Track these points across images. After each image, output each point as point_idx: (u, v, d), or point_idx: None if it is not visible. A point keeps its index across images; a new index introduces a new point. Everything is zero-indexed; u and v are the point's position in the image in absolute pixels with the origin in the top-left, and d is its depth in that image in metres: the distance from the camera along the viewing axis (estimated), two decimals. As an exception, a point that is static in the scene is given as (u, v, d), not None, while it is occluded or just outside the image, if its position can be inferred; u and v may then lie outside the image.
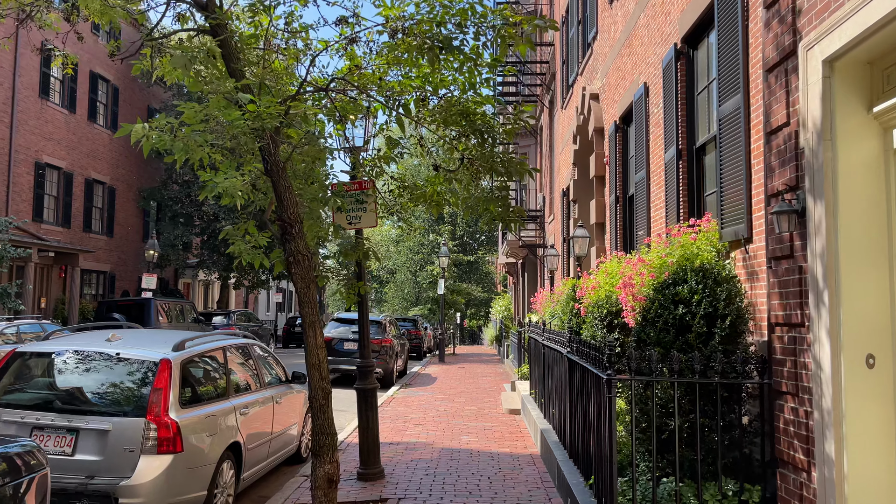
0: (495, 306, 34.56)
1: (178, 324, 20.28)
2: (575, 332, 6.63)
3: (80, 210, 24.67)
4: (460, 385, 16.02)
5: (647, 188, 8.37)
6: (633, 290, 6.21)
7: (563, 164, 15.53)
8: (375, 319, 16.74)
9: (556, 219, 16.97)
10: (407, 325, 27.90)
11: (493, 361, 24.57)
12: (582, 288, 9.27)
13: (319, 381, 5.55)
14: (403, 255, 51.95)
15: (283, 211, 5.68)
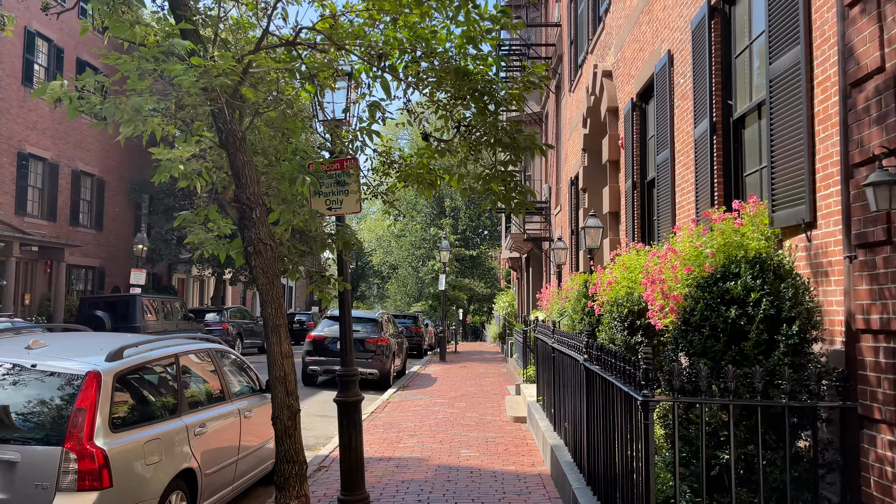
0: (498, 302, 33.58)
1: (167, 322, 19.34)
2: (590, 334, 5.66)
3: (66, 203, 23.73)
4: (461, 387, 15.05)
5: (672, 170, 7.35)
6: (663, 287, 5.21)
7: (572, 152, 14.52)
8: (371, 317, 15.76)
9: (564, 210, 15.96)
10: (407, 321, 26.92)
11: (496, 360, 23.60)
12: (596, 284, 8.28)
13: (285, 398, 4.57)
14: (405, 249, 50.94)
15: (242, 191, 4.70)
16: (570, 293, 12.21)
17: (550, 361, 7.98)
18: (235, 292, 39.67)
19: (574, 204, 14.36)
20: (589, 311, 8.92)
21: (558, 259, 12.86)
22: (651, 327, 6.43)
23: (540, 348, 9.38)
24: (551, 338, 7.88)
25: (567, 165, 15.35)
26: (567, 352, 6.50)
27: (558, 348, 7.15)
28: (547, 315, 12.94)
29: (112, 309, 17.87)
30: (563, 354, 6.82)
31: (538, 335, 9.40)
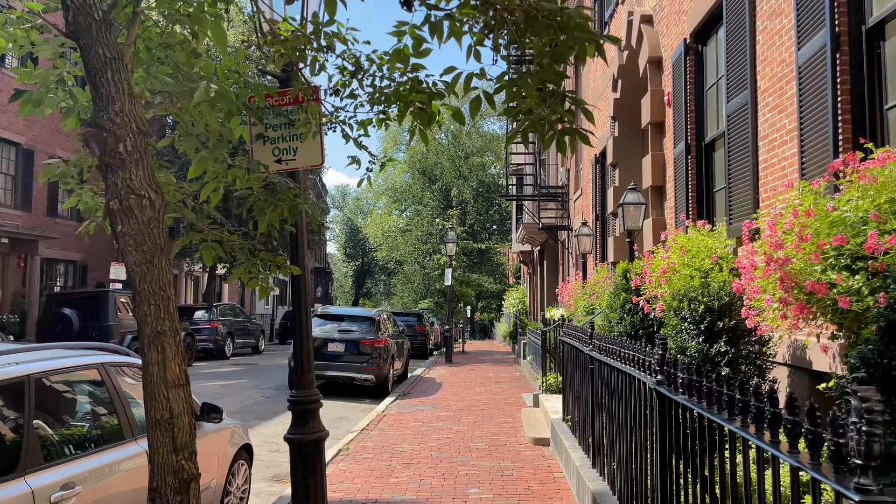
0: (508, 299, 31.69)
1: (145, 320, 17.53)
2: (663, 345, 3.78)
3: (43, 192, 21.98)
4: (469, 395, 13.18)
5: (752, 118, 5.45)
6: (790, 271, 3.32)
7: (597, 122, 12.61)
8: (366, 315, 13.91)
9: (585, 194, 14.05)
10: (410, 320, 25.06)
11: (507, 361, 21.71)
12: (643, 273, 6.40)
13: (170, 456, 2.69)
14: (411, 244, 49.15)
15: (103, 108, 2.85)
16: (601, 287, 10.32)
17: (585, 374, 6.10)
18: (233, 289, 37.94)
19: (599, 185, 12.46)
20: (632, 309, 7.05)
21: (583, 247, 10.98)
22: (739, 330, 4.54)
23: (568, 355, 7.50)
24: (587, 344, 6.00)
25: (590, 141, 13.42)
26: (618, 366, 4.61)
27: (601, 359, 5.26)
28: (569, 313, 11.06)
29: (81, 306, 16.10)
30: (611, 369, 4.93)
31: (565, 339, 7.52)
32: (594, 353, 5.61)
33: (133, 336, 16.51)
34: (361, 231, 68.11)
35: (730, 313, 4.56)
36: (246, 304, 42.64)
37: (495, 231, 51.99)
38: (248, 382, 15.14)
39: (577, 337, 6.70)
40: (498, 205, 50.61)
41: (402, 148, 55.20)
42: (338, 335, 13.30)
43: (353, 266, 79.35)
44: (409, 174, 53.72)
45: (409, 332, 24.11)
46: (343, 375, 13.16)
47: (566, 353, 7.61)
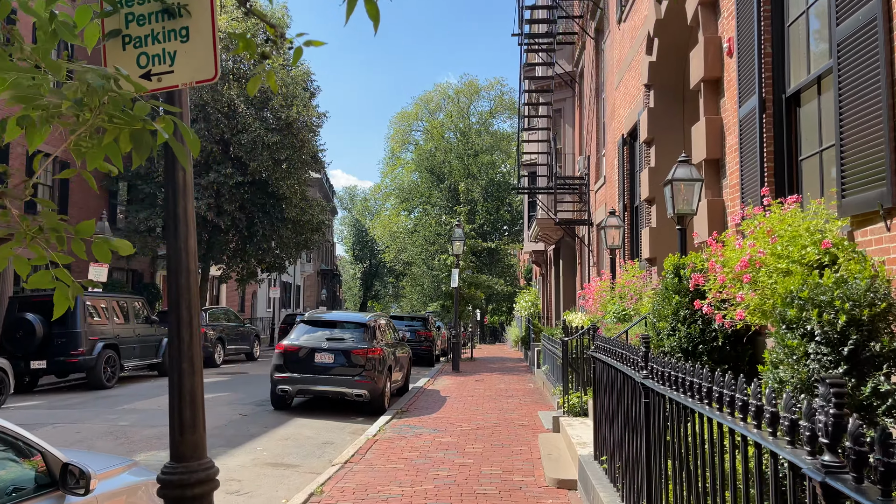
0: (520, 302, 29.94)
1: (122, 326, 15.95)
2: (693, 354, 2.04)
3: (18, 187, 20.40)
4: (478, 413, 11.46)
5: (886, 41, 3.71)
6: None
7: (624, 99, 10.88)
8: (358, 321, 12.20)
9: (610, 182, 12.31)
10: (415, 324, 23.35)
11: (519, 370, 19.95)
12: (710, 268, 4.69)
13: None
14: (418, 245, 47.47)
15: None
16: (633, 287, 8.60)
17: (634, 408, 4.37)
18: (230, 291, 36.38)
19: (627, 170, 10.72)
20: (688, 316, 5.33)
21: (610, 241, 9.24)
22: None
23: (601, 375, 5.77)
24: (636, 367, 4.27)
25: (615, 121, 11.70)
26: (721, 420, 2.85)
27: (675, 399, 3.48)
28: (593, 318, 9.32)
29: (46, 311, 14.49)
30: (694, 416, 3.18)
31: (598, 355, 5.77)
32: (653, 385, 3.87)
33: (105, 343, 14.92)
34: (369, 232, 66.58)
35: (889, 328, 2.83)
36: (246, 307, 41.11)
37: (506, 231, 50.20)
38: (229, 397, 13.48)
39: (618, 355, 4.96)
40: (509, 204, 48.87)
41: (411, 147, 53.63)
42: (326, 344, 11.61)
43: (361, 268, 77.85)
44: (417, 173, 52.11)
45: (414, 338, 22.42)
46: (332, 391, 11.47)
47: (599, 373, 5.87)
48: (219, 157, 23.46)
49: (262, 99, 23.44)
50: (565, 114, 17.90)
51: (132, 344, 16.16)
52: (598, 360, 5.88)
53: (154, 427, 9.98)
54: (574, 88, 17.43)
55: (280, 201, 24.47)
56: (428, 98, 53.34)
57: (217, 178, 22.72)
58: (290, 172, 23.90)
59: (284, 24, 26.05)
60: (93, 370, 14.53)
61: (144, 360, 16.71)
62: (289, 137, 23.46)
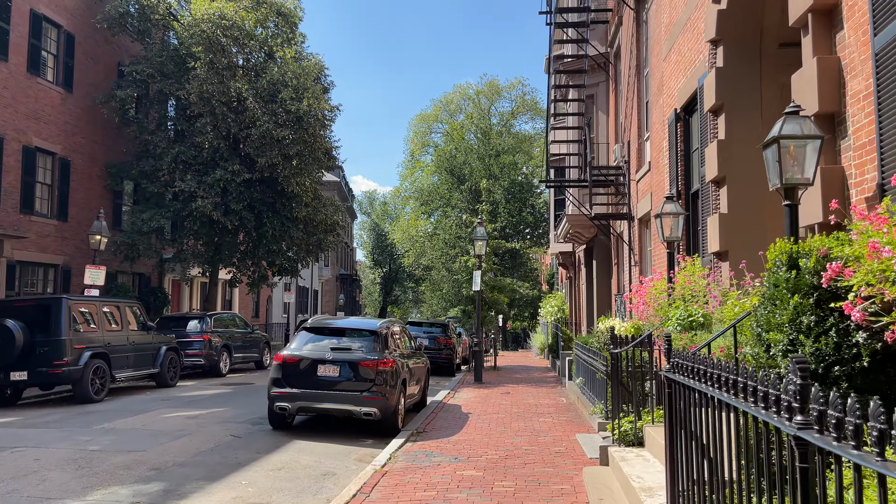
0: (545, 307, 28.31)
1: (114, 333, 14.59)
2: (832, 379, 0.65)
3: (14, 185, 19.24)
4: (505, 435, 9.88)
5: None
6: None
7: (676, 68, 9.28)
8: (368, 328, 10.67)
9: (657, 168, 10.70)
10: (435, 331, 21.78)
11: (547, 381, 18.31)
12: (871, 252, 3.07)
13: None
14: (438, 248, 45.96)
15: None
16: (695, 288, 6.99)
17: (765, 467, 2.78)
18: (242, 295, 35.08)
19: (680, 151, 9.10)
20: (813, 326, 3.74)
21: (668, 232, 7.62)
22: None
23: (686, 404, 4.16)
24: (786, 412, 2.68)
25: (664, 97, 10.08)
26: None
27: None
28: (651, 326, 7.71)
29: (28, 317, 13.16)
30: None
31: (682, 378, 4.16)
32: (831, 446, 2.27)
33: (92, 353, 13.55)
34: (388, 237, 65.25)
35: None
36: (261, 312, 39.85)
37: (528, 234, 48.47)
38: (225, 412, 12.03)
39: (727, 383, 3.36)
40: (531, 206, 47.21)
41: (430, 150, 52.17)
42: (331, 355, 10.10)
43: (381, 273, 76.60)
44: (436, 175, 50.62)
45: (433, 346, 20.88)
46: (337, 409, 9.96)
47: (680, 402, 4.28)
48: (225, 154, 22.14)
49: (270, 91, 22.09)
50: (598, 100, 16.29)
51: (125, 353, 14.78)
52: (678, 384, 4.29)
53: (128, 452, 8.53)
54: (608, 71, 15.81)
55: (290, 200, 23.08)
56: (448, 100, 51.87)
57: (224, 175, 21.40)
58: (300, 169, 22.50)
59: (297, 16, 24.71)
60: (78, 382, 13.17)
61: (140, 370, 15.33)
62: (299, 132, 22.06)
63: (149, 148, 22.73)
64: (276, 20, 23.99)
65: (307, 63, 23.60)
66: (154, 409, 12.28)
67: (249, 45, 22.61)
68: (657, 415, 7.31)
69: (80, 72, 22.04)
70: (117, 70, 23.46)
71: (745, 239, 6.78)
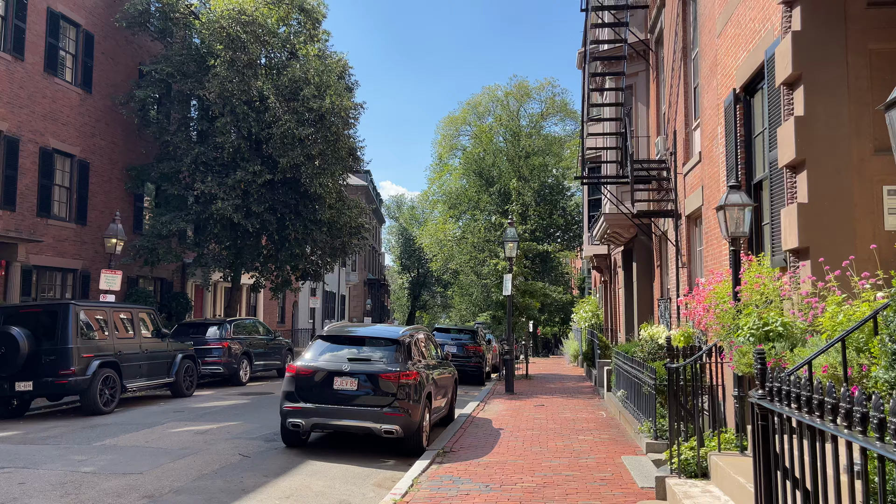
0: (579, 312, 27.09)
1: (125, 341, 13.87)
2: None
3: (31, 188, 18.73)
4: (542, 457, 8.85)
5: None
6: None
7: (735, 43, 8.20)
8: (390, 337, 9.71)
9: (709, 158, 9.61)
10: (463, 338, 20.78)
11: (583, 392, 17.20)
12: None
13: None
14: (466, 253, 44.93)
15: None
16: (767, 291, 5.93)
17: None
18: (266, 300, 34.47)
19: (741, 136, 8.02)
20: None
21: (733, 227, 6.54)
22: None
23: (795, 459, 3.13)
24: None
25: (719, 77, 8.99)
26: None
27: None
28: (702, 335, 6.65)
29: (33, 324, 12.48)
30: None
31: (793, 412, 3.13)
32: None
33: (101, 362, 12.83)
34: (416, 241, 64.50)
35: None
36: (286, 317, 39.26)
37: (559, 237, 47.18)
38: (237, 427, 11.18)
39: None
40: (562, 208, 46.00)
41: (458, 153, 51.21)
42: (348, 366, 9.17)
43: (409, 278, 75.90)
44: (464, 178, 49.64)
45: (461, 353, 19.89)
46: (356, 426, 9.02)
47: (792, 446, 3.24)
48: (246, 154, 21.44)
49: (292, 90, 21.34)
50: (637, 91, 15.19)
51: (137, 361, 14.05)
52: (779, 415, 3.25)
53: (122, 476, 7.69)
54: (648, 60, 14.70)
55: (313, 201, 22.28)
56: (476, 102, 50.85)
57: (244, 176, 20.67)
58: (323, 169, 21.68)
59: (320, 12, 23.97)
60: (86, 392, 12.44)
61: (153, 380, 14.59)
62: (322, 130, 21.26)
63: (169, 149, 22.15)
64: (298, 17, 23.28)
65: (330, 61, 22.83)
66: (163, 423, 11.49)
67: (271, 42, 21.89)
68: (724, 440, 6.24)
69: (100, 72, 21.55)
70: (138, 71, 22.94)
71: (830, 233, 5.70)
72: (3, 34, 17.90)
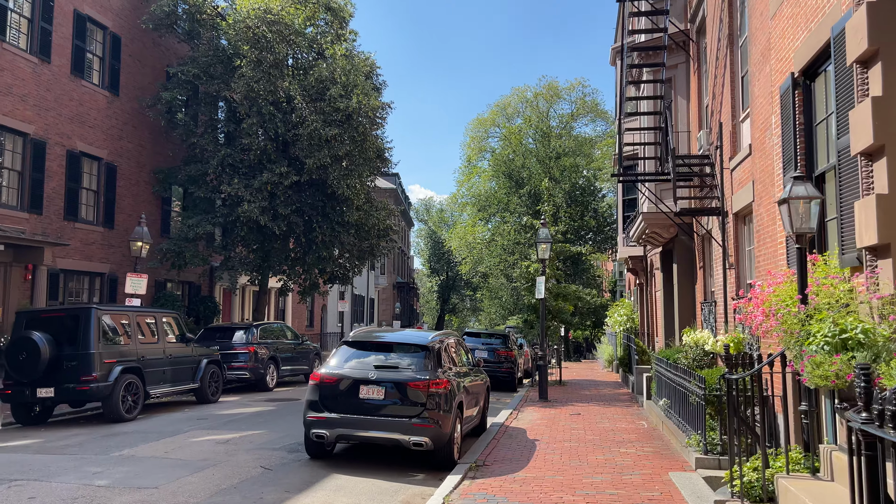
0: (613, 316, 26.31)
1: (148, 345, 13.56)
2: None
3: (58, 191, 18.61)
4: (582, 472, 8.23)
5: None
6: None
7: (792, 23, 7.52)
8: (419, 343, 9.16)
9: (761, 149, 8.91)
10: (494, 342, 20.16)
11: (620, 400, 16.49)
12: None
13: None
14: (496, 255, 44.29)
15: None
16: (836, 295, 5.26)
17: None
18: (294, 304, 34.22)
19: (799, 125, 7.33)
20: None
21: (799, 223, 5.86)
22: None
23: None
24: None
25: (772, 62, 8.31)
26: None
27: None
28: (784, 345, 5.99)
29: (55, 328, 12.20)
30: None
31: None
32: None
33: (123, 367, 12.51)
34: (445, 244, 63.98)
35: None
36: (315, 321, 39.02)
37: (590, 240, 46.25)
38: (261, 436, 10.74)
39: None
40: (594, 209, 45.10)
41: (487, 155, 50.59)
42: (374, 374, 8.66)
43: (438, 281, 75.49)
44: (494, 180, 48.99)
45: (493, 359, 19.29)
46: (382, 437, 8.50)
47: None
48: (273, 156, 21.13)
49: (318, 90, 20.97)
50: (677, 84, 14.47)
51: (161, 367, 13.73)
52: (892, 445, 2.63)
53: (136, 490, 7.26)
54: (688, 51, 13.99)
55: (341, 203, 21.88)
56: (505, 103, 50.18)
57: (271, 178, 20.34)
58: (350, 170, 21.26)
59: (347, 11, 23.59)
60: (108, 399, 12.13)
61: (178, 386, 14.25)
62: (349, 130, 20.85)
63: (196, 151, 21.95)
64: (325, 16, 22.93)
65: (358, 60, 22.42)
66: (185, 431, 11.10)
67: (297, 41, 21.55)
68: (794, 459, 5.58)
69: (127, 74, 21.43)
70: (165, 73, 22.78)
71: None
72: (30, 36, 17.81)
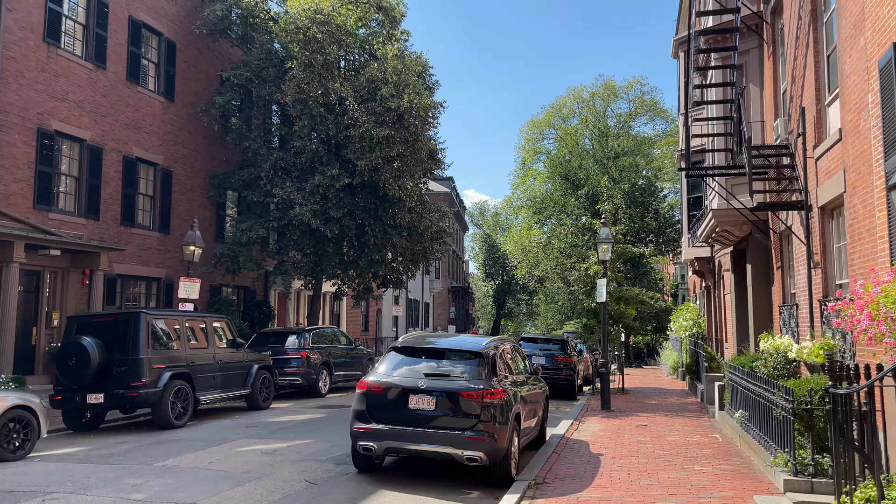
0: (677, 320, 25.11)
1: (199, 351, 13.32)
2: None
3: (115, 197, 18.74)
4: (653, 493, 7.45)
5: None
6: None
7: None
8: (472, 350, 8.51)
9: (855, 134, 7.97)
10: (551, 348, 19.32)
11: (688, 409, 15.46)
12: None
13: None
14: (552, 258, 43.27)
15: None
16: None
17: None
18: (349, 308, 34.03)
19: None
20: None
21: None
22: None
23: None
24: None
25: (868, 34, 7.38)
26: None
27: None
28: (848, 349, 5.13)
29: (104, 333, 12.05)
30: None
31: None
32: None
33: (173, 373, 12.27)
34: (500, 248, 63.16)
35: None
36: (370, 326, 38.82)
37: (651, 241, 44.72)
38: (308, 447, 10.27)
39: None
40: (654, 210, 43.59)
41: (542, 158, 49.62)
42: (425, 383, 8.05)
43: (494, 285, 74.72)
44: (550, 182, 47.95)
45: (551, 365, 18.49)
46: (433, 451, 7.89)
47: None
48: (324, 158, 20.85)
49: (369, 90, 20.60)
50: (749, 71, 13.45)
51: (211, 373, 13.47)
52: None
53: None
54: (762, 34, 12.96)
55: (393, 205, 21.44)
56: (560, 104, 49.08)
57: (322, 180, 20.06)
58: (402, 171, 20.79)
59: (398, 10, 23.20)
60: (158, 405, 11.90)
61: (228, 392, 13.98)
62: (400, 131, 20.40)
63: (249, 156, 21.89)
64: (377, 16, 22.59)
65: (409, 60, 21.97)
66: (232, 440, 10.73)
67: (348, 42, 21.23)
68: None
69: (182, 80, 21.54)
70: (218, 78, 22.83)
71: None
72: (85, 43, 17.97)
